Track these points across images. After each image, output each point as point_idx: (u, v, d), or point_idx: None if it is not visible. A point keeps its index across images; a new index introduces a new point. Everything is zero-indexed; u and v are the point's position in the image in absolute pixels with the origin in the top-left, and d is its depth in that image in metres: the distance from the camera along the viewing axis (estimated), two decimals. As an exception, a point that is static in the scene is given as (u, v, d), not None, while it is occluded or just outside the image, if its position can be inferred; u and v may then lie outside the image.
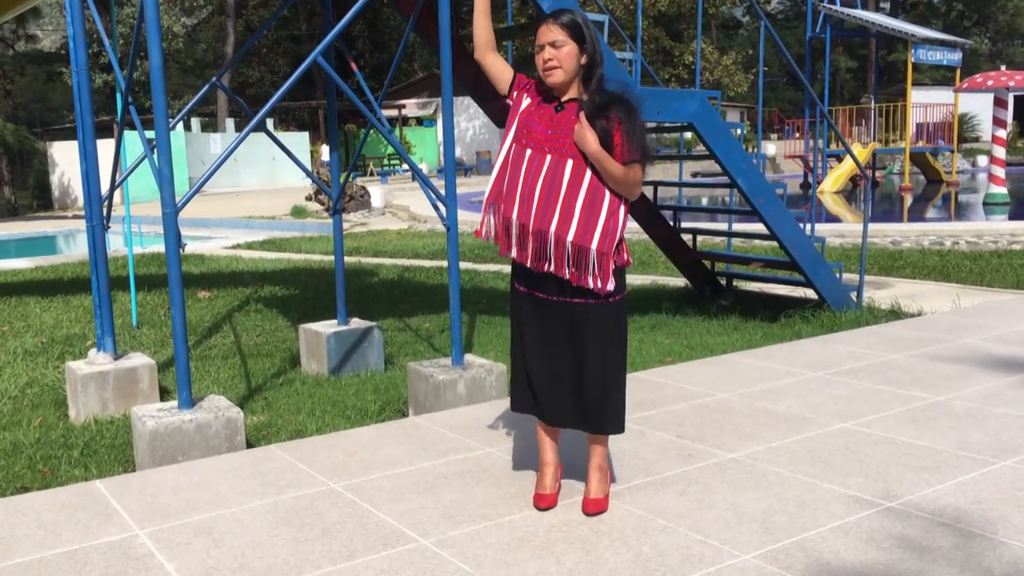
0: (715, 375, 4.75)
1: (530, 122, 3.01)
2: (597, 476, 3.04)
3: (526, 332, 3.03)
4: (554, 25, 2.92)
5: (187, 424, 3.79)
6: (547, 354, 2.99)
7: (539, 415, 3.06)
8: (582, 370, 2.95)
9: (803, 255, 6.46)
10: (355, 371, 5.50)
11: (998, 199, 15.68)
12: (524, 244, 2.95)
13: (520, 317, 3.06)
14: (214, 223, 17.34)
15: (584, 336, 2.94)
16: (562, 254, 2.90)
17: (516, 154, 3.01)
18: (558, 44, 2.92)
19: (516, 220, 2.97)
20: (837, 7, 19.99)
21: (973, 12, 57.12)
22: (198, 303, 8.00)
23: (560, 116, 2.97)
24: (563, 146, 2.93)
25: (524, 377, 3.06)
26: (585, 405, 2.97)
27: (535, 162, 2.96)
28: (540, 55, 2.94)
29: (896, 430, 3.74)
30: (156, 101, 3.83)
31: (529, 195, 2.95)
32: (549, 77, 2.94)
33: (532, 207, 2.94)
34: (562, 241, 2.90)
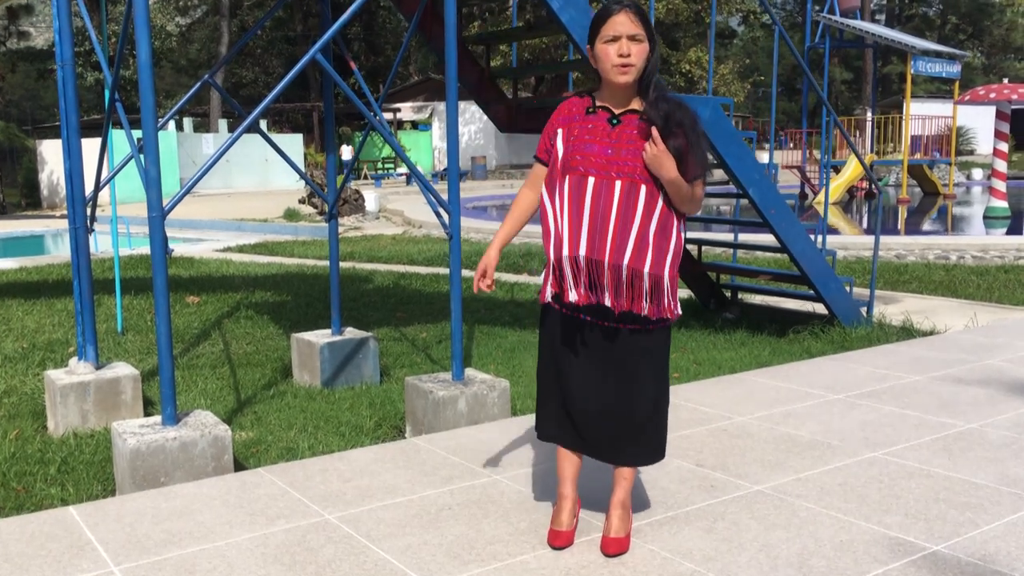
0: (731, 396, 4.52)
1: (582, 143, 2.66)
2: (619, 513, 2.79)
3: (567, 358, 2.73)
4: (633, 15, 2.56)
5: (171, 442, 3.54)
6: (595, 382, 2.71)
7: (578, 448, 2.79)
8: (635, 398, 2.70)
9: (814, 269, 6.25)
10: (349, 383, 5.26)
11: (999, 213, 15.54)
12: (596, 283, 2.63)
13: (560, 341, 2.75)
14: (205, 225, 17.06)
15: (639, 362, 2.69)
16: (640, 288, 2.62)
17: (575, 184, 2.65)
18: (638, 38, 2.57)
19: (585, 257, 2.63)
20: (836, 18, 19.88)
21: (968, 25, 57.29)
22: (186, 308, 7.74)
23: (619, 132, 2.64)
24: (633, 169, 2.61)
25: (559, 406, 2.78)
26: (634, 437, 2.72)
27: (603, 191, 2.62)
28: (611, 47, 2.58)
29: (930, 461, 3.51)
30: (143, 98, 3.59)
31: (602, 228, 2.61)
32: (621, 75, 2.58)
33: (607, 241, 2.61)
34: (640, 274, 2.62)
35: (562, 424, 2.78)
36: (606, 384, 2.70)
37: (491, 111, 6.48)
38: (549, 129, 2.77)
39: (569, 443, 2.80)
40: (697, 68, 34.23)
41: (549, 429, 2.82)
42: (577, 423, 2.74)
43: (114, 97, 4.41)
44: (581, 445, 2.77)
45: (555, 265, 2.68)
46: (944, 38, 52.23)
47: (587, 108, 2.68)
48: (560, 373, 2.75)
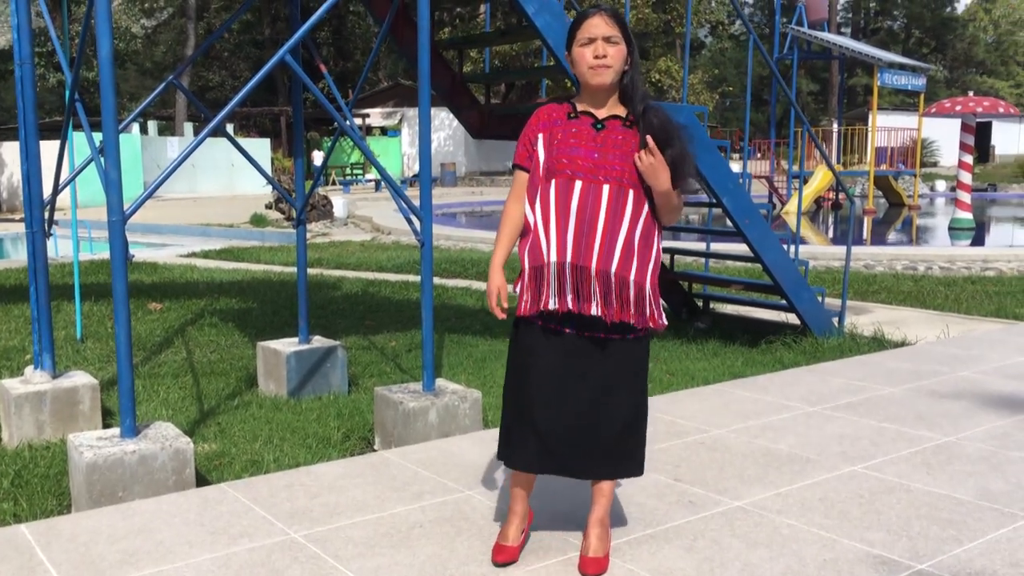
0: (706, 407, 4.46)
1: (567, 146, 2.59)
2: (597, 531, 2.70)
3: (539, 370, 2.61)
4: (608, 18, 2.54)
5: (129, 456, 3.40)
6: (578, 397, 2.61)
7: (554, 471, 2.66)
8: (618, 410, 2.62)
9: (787, 279, 6.23)
10: (316, 393, 5.13)
11: (964, 224, 15.73)
12: (582, 291, 2.55)
13: (532, 354, 2.63)
14: (169, 230, 16.77)
15: (623, 373, 2.61)
16: (627, 296, 2.55)
17: (562, 187, 2.57)
18: (613, 40, 2.53)
19: (571, 264, 2.55)
20: (804, 29, 20.07)
21: (931, 39, 58.34)
22: (149, 315, 7.55)
23: (604, 136, 2.58)
24: (621, 173, 2.55)
25: (533, 428, 2.61)
26: (615, 449, 2.63)
27: (591, 195, 2.55)
28: (586, 49, 2.54)
29: (909, 475, 3.46)
30: (104, 98, 3.45)
31: (589, 233, 2.54)
32: (597, 76, 2.53)
33: (595, 247, 2.53)
34: (627, 282, 2.55)
35: (530, 445, 2.63)
36: (586, 397, 2.61)
37: (463, 117, 6.39)
38: (529, 134, 2.68)
39: (538, 467, 2.65)
40: (667, 77, 34.45)
41: (527, 457, 2.64)
42: (548, 438, 2.61)
43: (74, 97, 4.26)
44: (552, 464, 2.64)
45: (534, 273, 2.59)
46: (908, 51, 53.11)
47: (568, 113, 2.63)
48: (532, 387, 2.61)
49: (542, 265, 2.56)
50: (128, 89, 43.77)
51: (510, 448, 2.68)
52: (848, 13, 58.62)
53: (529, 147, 2.67)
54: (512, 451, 2.67)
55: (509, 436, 2.69)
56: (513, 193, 2.71)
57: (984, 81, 56.42)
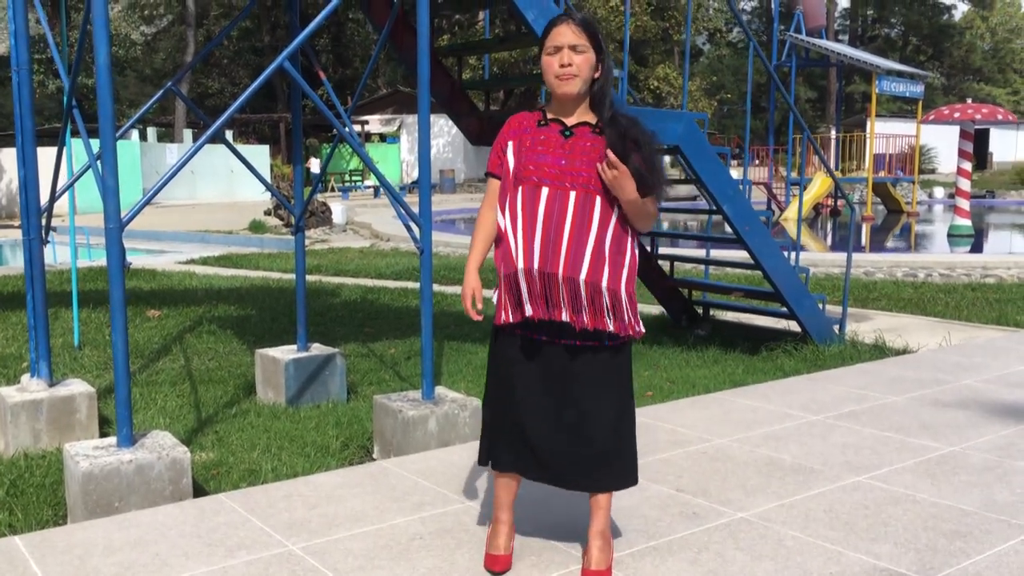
0: (708, 416, 4.42)
1: (535, 153, 2.58)
2: (599, 544, 2.66)
3: (523, 381, 2.60)
4: (575, 26, 2.53)
5: (126, 465, 3.36)
6: (557, 406, 2.59)
7: (541, 478, 2.65)
8: (600, 420, 2.58)
9: (788, 286, 6.20)
10: (315, 401, 5.09)
11: (963, 231, 15.72)
12: (551, 298, 2.53)
13: (517, 364, 2.62)
14: (168, 236, 16.73)
15: (602, 382, 2.58)
16: (601, 304, 2.53)
17: (529, 194, 2.57)
18: (579, 49, 2.52)
19: (539, 270, 2.53)
20: (803, 37, 20.09)
21: (929, 47, 58.44)
22: (147, 323, 7.51)
23: (572, 143, 2.58)
24: (588, 180, 2.54)
25: (514, 434, 2.63)
26: (603, 460, 2.60)
27: (557, 201, 2.54)
28: (553, 58, 2.54)
29: (914, 485, 3.43)
30: (101, 104, 3.42)
31: (556, 239, 2.52)
32: (564, 85, 2.53)
33: (561, 253, 2.52)
34: (599, 289, 2.53)
35: (519, 452, 2.63)
36: (569, 407, 2.58)
37: (463, 124, 6.37)
38: (500, 142, 2.68)
39: (527, 472, 2.65)
40: (665, 84, 34.48)
41: (504, 457, 2.66)
42: (538, 451, 2.60)
43: (71, 104, 4.23)
44: (543, 474, 2.63)
45: (507, 281, 2.58)
46: (905, 59, 53.21)
47: (538, 121, 2.63)
48: (517, 398, 2.61)
49: (514, 272, 2.56)
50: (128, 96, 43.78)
51: (492, 451, 2.68)
52: (845, 20, 58.73)
53: (500, 155, 2.67)
54: (495, 453, 2.68)
55: (493, 441, 2.69)
56: (486, 201, 2.72)
57: (981, 88, 56.55)
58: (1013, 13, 61.58)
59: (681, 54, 46.45)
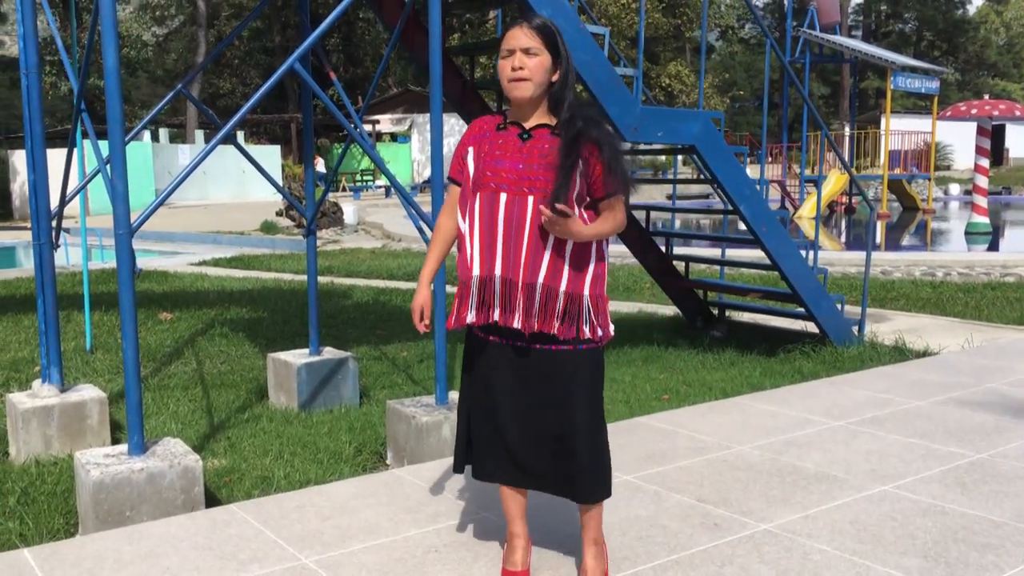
0: (727, 422, 4.34)
1: (493, 159, 2.53)
2: (593, 551, 2.62)
3: (495, 386, 2.57)
4: (528, 29, 2.47)
5: (137, 474, 3.31)
6: (527, 410, 2.55)
7: (520, 483, 2.61)
8: (572, 427, 2.52)
9: (805, 287, 6.11)
10: (328, 406, 5.04)
11: (980, 228, 15.56)
12: (508, 303, 2.51)
13: (484, 369, 2.59)
14: (180, 237, 16.74)
15: (570, 387, 2.52)
16: (554, 308, 2.49)
17: (487, 201, 2.52)
18: (532, 52, 2.46)
19: (500, 277, 2.51)
20: (816, 32, 19.92)
21: (943, 42, 58.00)
22: (159, 325, 7.48)
23: (530, 146, 2.52)
24: (546, 184, 2.48)
25: (490, 441, 2.60)
26: (577, 468, 2.53)
27: (516, 207, 2.49)
28: (506, 62, 2.48)
29: (943, 495, 3.34)
30: (110, 107, 3.36)
31: (516, 246, 2.49)
32: (515, 90, 2.47)
33: (521, 259, 2.49)
34: (554, 293, 2.49)
35: (498, 459, 2.60)
36: (533, 411, 2.54)
37: (474, 123, 6.30)
38: (460, 149, 2.64)
39: (509, 480, 2.61)
40: (677, 82, 34.31)
41: (484, 467, 2.63)
42: (514, 456, 2.57)
43: (79, 106, 4.18)
44: (523, 480, 2.60)
45: (462, 286, 2.55)
46: (919, 54, 52.84)
47: (498, 125, 2.58)
48: (486, 403, 2.59)
49: (471, 279, 2.54)
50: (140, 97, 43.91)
51: (472, 460, 2.66)
52: (859, 16, 58.35)
53: (460, 161, 2.63)
54: (474, 463, 2.65)
55: (470, 448, 2.67)
56: (445, 207, 2.69)
57: (996, 83, 56.07)
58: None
59: (693, 51, 46.25)
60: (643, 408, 4.89)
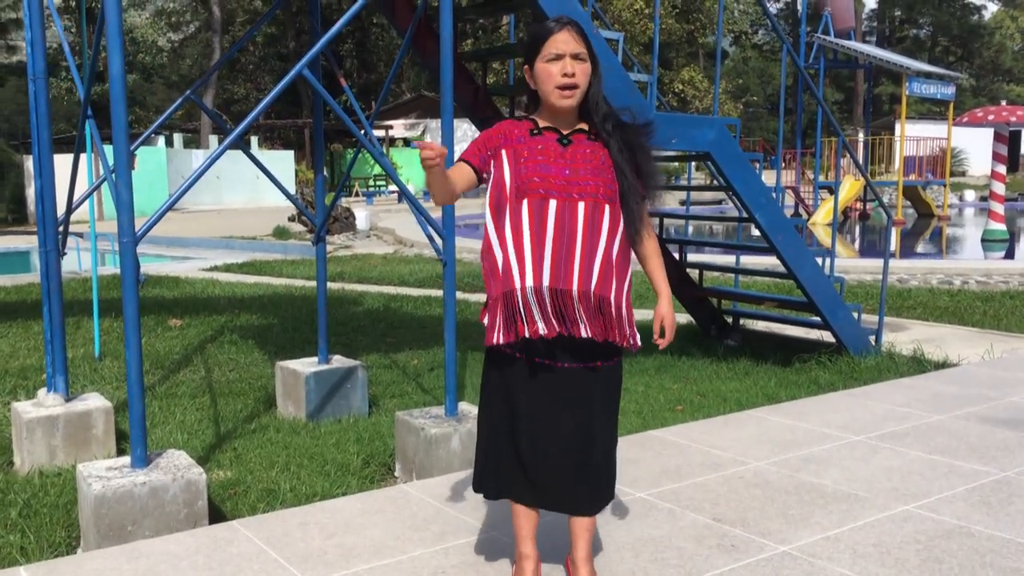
0: (743, 436, 4.23)
1: (536, 164, 2.43)
2: (587, 570, 2.57)
3: (525, 407, 2.46)
4: (576, 33, 2.39)
5: (139, 488, 3.25)
6: (558, 430, 2.45)
7: (536, 502, 2.52)
8: (598, 439, 2.47)
9: (822, 296, 6.00)
10: (336, 415, 4.97)
11: (997, 235, 15.38)
12: (565, 314, 2.39)
13: (515, 390, 2.47)
14: (192, 242, 16.74)
15: (596, 402, 2.46)
16: (611, 316, 2.41)
17: (536, 208, 2.40)
18: (580, 57, 2.39)
19: (549, 288, 2.38)
20: (831, 38, 19.77)
21: (958, 47, 57.65)
22: (168, 332, 7.43)
23: (572, 152, 2.44)
24: (596, 189, 2.41)
25: (514, 459, 2.49)
26: (598, 480, 2.48)
27: (566, 213, 2.39)
28: (554, 66, 2.39)
29: (968, 516, 3.22)
30: (115, 114, 3.31)
31: (568, 254, 2.39)
32: (566, 98, 2.40)
33: (574, 268, 2.39)
34: (608, 301, 2.41)
35: (517, 478, 2.50)
36: (574, 432, 2.45)
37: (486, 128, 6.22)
38: (488, 142, 2.49)
39: (527, 499, 2.52)
40: (690, 88, 34.19)
41: (505, 486, 2.53)
42: (537, 475, 2.47)
43: (86, 112, 4.13)
44: (539, 499, 2.50)
45: (506, 299, 2.41)
46: (934, 60, 52.51)
47: (530, 130, 2.48)
48: (520, 426, 2.46)
49: (513, 291, 2.40)
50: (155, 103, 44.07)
51: (492, 478, 2.55)
52: (873, 22, 58.07)
53: (483, 150, 2.49)
54: (495, 481, 2.55)
55: (490, 467, 2.55)
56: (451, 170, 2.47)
57: (1011, 89, 55.64)
58: (1044, 13, 60.62)
59: (706, 56, 46.10)
60: (656, 419, 4.80)
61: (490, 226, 2.46)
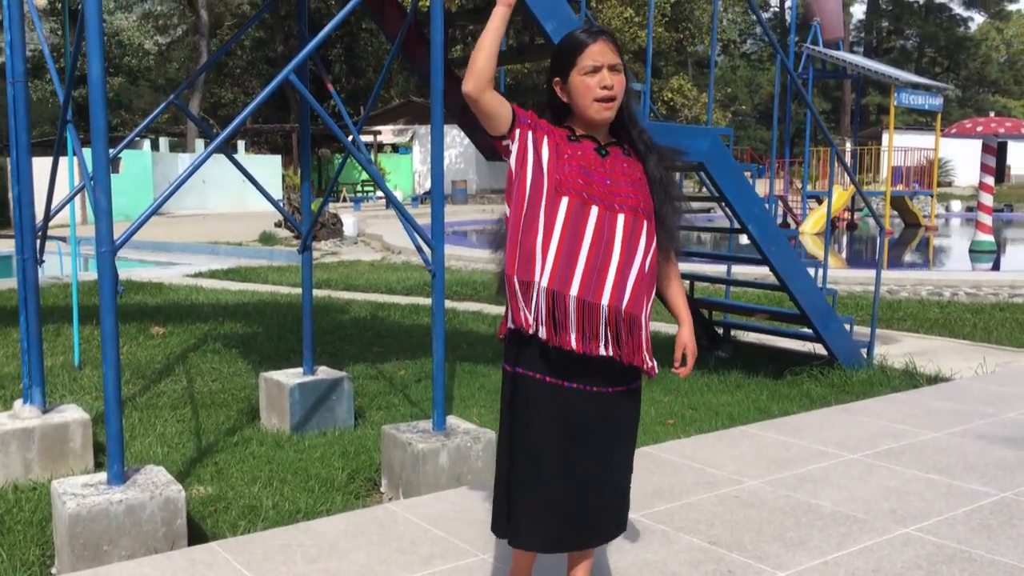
0: (737, 454, 4.15)
1: (579, 165, 2.32)
2: None
3: (554, 438, 2.29)
4: (612, 44, 2.31)
5: (116, 506, 3.14)
6: (586, 463, 2.31)
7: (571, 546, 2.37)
8: (619, 472, 2.38)
9: (814, 308, 5.94)
10: (321, 428, 4.86)
11: (985, 247, 15.41)
12: (590, 329, 2.27)
13: (541, 419, 2.30)
14: (177, 248, 16.57)
15: (620, 430, 2.36)
16: (639, 338, 2.31)
17: (575, 211, 2.29)
18: (616, 69, 2.31)
19: (576, 297, 2.26)
20: (820, 48, 19.80)
21: (944, 59, 58.04)
22: (150, 340, 7.29)
23: (611, 163, 2.36)
24: (636, 203, 2.33)
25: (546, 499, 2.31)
26: (616, 510, 2.39)
27: (606, 223, 2.29)
28: (591, 79, 2.29)
29: (969, 540, 3.15)
30: (94, 122, 3.20)
31: (602, 266, 2.28)
32: (606, 111, 2.31)
33: (607, 281, 2.28)
34: (638, 322, 2.31)
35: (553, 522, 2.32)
36: (597, 464, 2.33)
37: (477, 138, 6.14)
38: (531, 115, 2.37)
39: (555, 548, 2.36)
40: (679, 96, 34.23)
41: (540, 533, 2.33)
42: (566, 518, 2.32)
43: (65, 117, 4.02)
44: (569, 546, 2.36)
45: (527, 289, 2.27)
46: (921, 70, 52.85)
47: (568, 136, 2.37)
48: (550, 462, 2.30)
49: (531, 282, 2.27)
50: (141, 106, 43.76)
51: (514, 525, 2.36)
52: (860, 33, 58.40)
53: (524, 116, 2.34)
54: (518, 530, 2.36)
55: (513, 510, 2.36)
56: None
57: (997, 100, 56.05)
58: (1029, 25, 61.16)
59: (695, 65, 46.18)
60: (647, 433, 4.71)
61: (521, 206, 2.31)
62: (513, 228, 2.32)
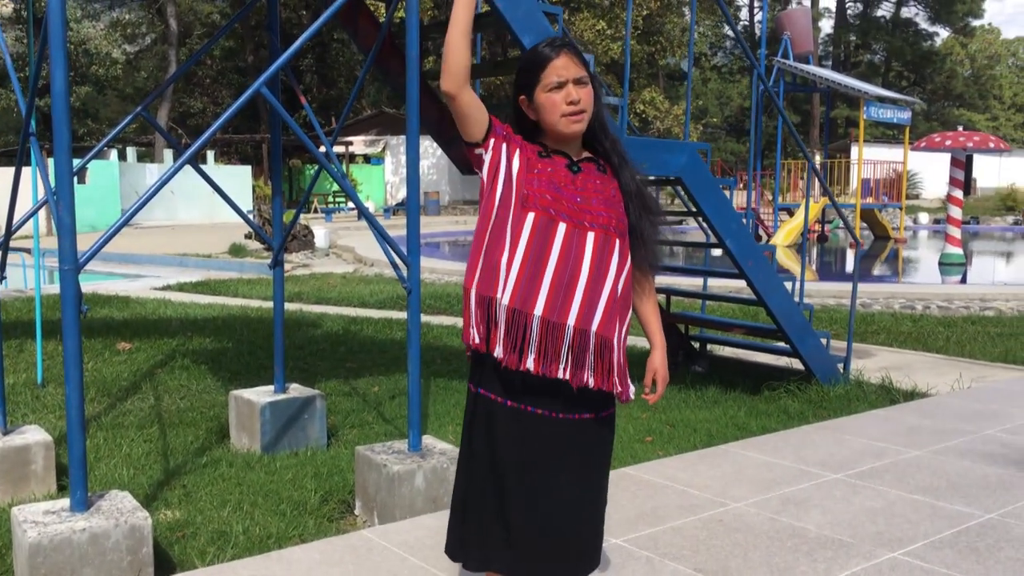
0: (719, 475, 4.09)
1: (549, 180, 2.24)
2: None
3: (514, 464, 2.21)
4: (575, 56, 2.23)
5: (78, 535, 3.02)
6: (547, 492, 2.22)
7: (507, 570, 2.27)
8: (596, 500, 2.28)
9: (791, 323, 5.92)
10: (293, 448, 4.74)
11: (954, 259, 15.57)
12: (550, 351, 2.17)
13: (501, 443, 2.22)
14: (145, 259, 16.31)
15: (591, 458, 2.26)
16: (611, 361, 2.21)
17: (542, 227, 2.21)
18: (582, 81, 2.23)
19: (541, 317, 2.17)
20: (791, 62, 19.99)
21: (911, 73, 58.90)
22: (116, 356, 7.11)
23: (583, 180, 2.27)
24: (608, 221, 2.24)
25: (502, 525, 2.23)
26: (583, 545, 2.27)
27: (574, 241, 2.20)
28: (557, 95, 2.22)
29: (957, 564, 3.10)
30: (57, 135, 3.08)
31: (569, 286, 2.19)
32: (574, 124, 2.23)
33: (574, 301, 2.18)
34: (610, 345, 2.21)
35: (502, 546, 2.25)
36: (558, 491, 2.23)
37: (452, 151, 6.06)
38: (507, 130, 2.30)
39: (492, 565, 2.28)
40: (651, 108, 34.40)
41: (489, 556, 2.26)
42: (527, 542, 2.23)
43: (28, 129, 3.88)
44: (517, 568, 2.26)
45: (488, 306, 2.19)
46: (888, 84, 53.56)
47: (539, 151, 2.29)
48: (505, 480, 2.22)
49: (492, 298, 2.19)
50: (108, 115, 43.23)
51: (466, 549, 2.30)
52: (829, 46, 59.13)
53: (499, 127, 2.28)
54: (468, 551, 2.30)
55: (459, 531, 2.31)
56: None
57: (962, 114, 56.96)
58: (992, 40, 62.28)
59: (666, 77, 46.46)
60: (625, 451, 4.65)
61: (488, 220, 2.25)
62: (477, 240, 2.26)
